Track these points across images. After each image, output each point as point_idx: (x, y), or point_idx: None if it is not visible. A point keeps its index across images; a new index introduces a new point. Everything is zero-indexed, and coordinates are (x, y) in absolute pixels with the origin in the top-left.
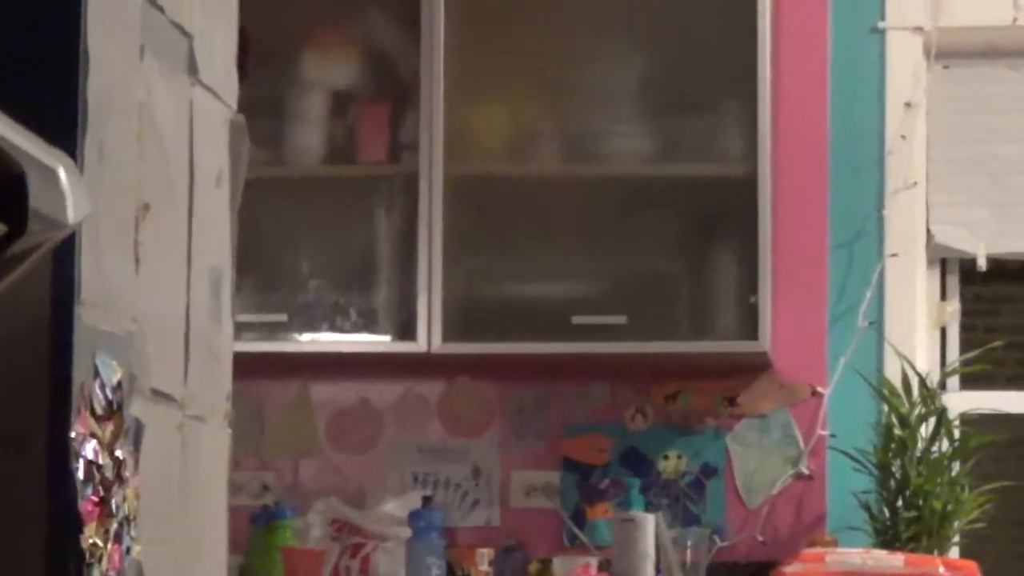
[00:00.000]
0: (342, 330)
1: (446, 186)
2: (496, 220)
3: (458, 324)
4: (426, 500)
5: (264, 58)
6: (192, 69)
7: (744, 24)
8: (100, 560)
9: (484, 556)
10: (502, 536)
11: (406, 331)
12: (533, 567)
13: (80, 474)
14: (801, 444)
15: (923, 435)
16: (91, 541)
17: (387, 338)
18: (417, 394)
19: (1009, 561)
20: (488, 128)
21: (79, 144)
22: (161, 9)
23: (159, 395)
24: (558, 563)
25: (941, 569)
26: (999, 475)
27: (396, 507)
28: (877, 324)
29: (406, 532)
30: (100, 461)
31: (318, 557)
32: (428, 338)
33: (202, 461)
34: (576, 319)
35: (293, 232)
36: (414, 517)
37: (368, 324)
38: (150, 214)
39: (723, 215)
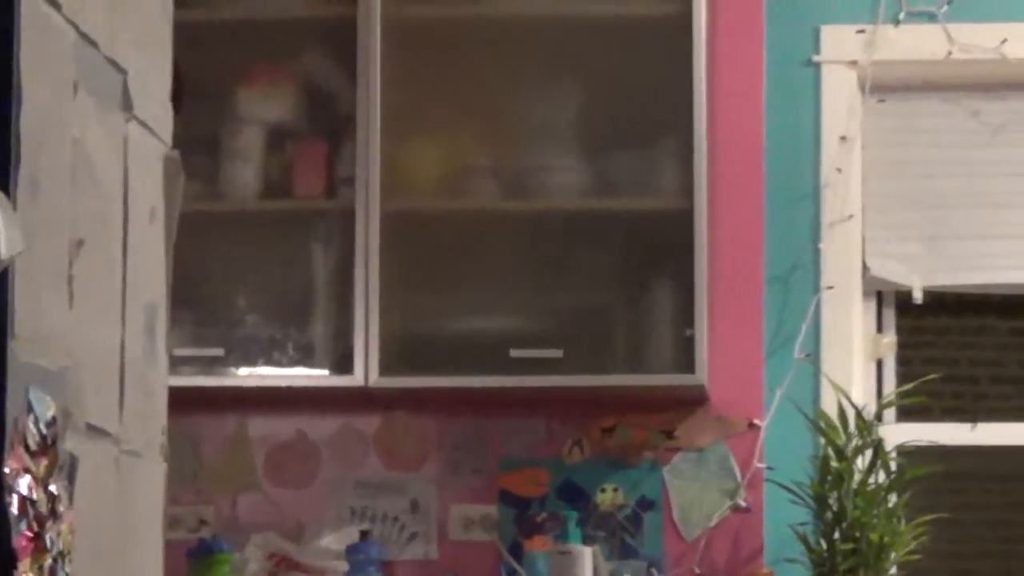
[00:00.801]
0: (279, 364)
1: (383, 221)
2: (433, 255)
3: (395, 358)
4: (363, 534)
5: (199, 94)
6: (127, 105)
7: (680, 59)
8: None
9: None
10: (440, 570)
11: (343, 365)
12: None
13: (14, 509)
14: (738, 477)
15: (860, 467)
16: None
17: (324, 372)
18: (354, 428)
19: None
20: (425, 163)
21: (12, 180)
22: (95, 45)
23: (94, 430)
24: None
25: None
26: (935, 507)
27: (333, 541)
28: (813, 356)
29: (344, 566)
30: (34, 496)
31: None
32: (365, 372)
33: (138, 496)
34: (513, 352)
35: (230, 267)
36: (352, 551)
37: (305, 358)
38: (84, 250)
39: (659, 249)
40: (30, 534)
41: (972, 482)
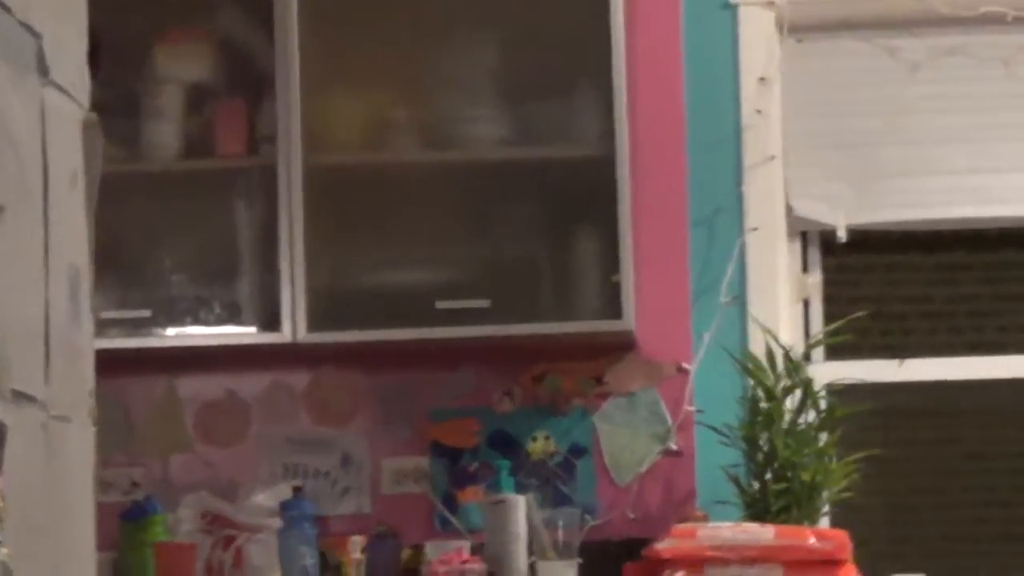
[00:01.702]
0: (206, 323)
1: (305, 177)
2: (357, 209)
3: (322, 313)
4: (296, 490)
5: (117, 56)
6: (43, 69)
7: (596, 5)
8: None
9: (356, 543)
10: (374, 523)
11: (270, 322)
12: (406, 553)
13: None
14: (669, 421)
15: (789, 408)
16: None
17: (252, 330)
18: (284, 385)
19: (878, 528)
20: (345, 118)
21: None
22: (8, 10)
23: (20, 396)
24: (431, 548)
25: (812, 540)
26: (866, 444)
27: (267, 498)
28: (740, 299)
29: (277, 523)
30: None
31: (190, 551)
32: (293, 328)
33: (68, 460)
34: (440, 304)
35: (153, 228)
36: (285, 507)
37: (232, 316)
38: (4, 216)
39: (582, 196)
40: None
41: (902, 418)
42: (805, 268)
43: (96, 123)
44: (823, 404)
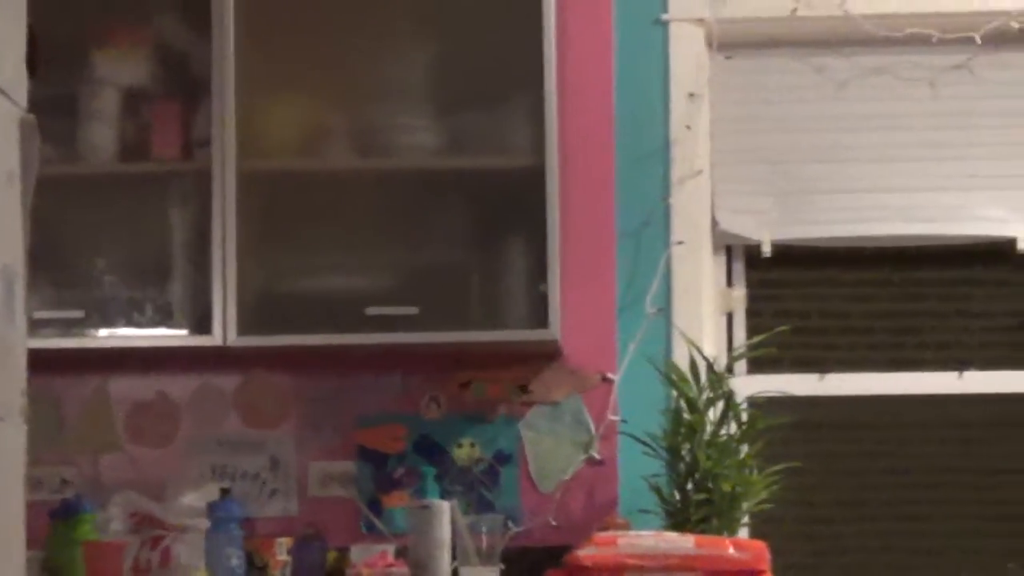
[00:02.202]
0: (139, 325)
1: (239, 182)
2: (289, 214)
3: (253, 317)
4: (224, 491)
5: (54, 57)
6: None
7: (529, 18)
8: None
9: (283, 545)
10: (300, 525)
11: (202, 325)
12: (331, 555)
13: None
14: (592, 430)
15: (711, 419)
16: None
17: (183, 332)
18: (214, 387)
19: (796, 540)
20: (279, 124)
21: None
22: None
23: None
24: (356, 551)
25: (731, 549)
26: (786, 456)
27: (195, 499)
28: (665, 311)
29: (205, 523)
30: None
31: (119, 550)
32: (224, 332)
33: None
34: (369, 310)
35: (88, 229)
36: (213, 508)
37: (164, 319)
38: None
39: (512, 206)
40: None
41: (822, 431)
42: (729, 282)
43: (33, 123)
44: (745, 416)
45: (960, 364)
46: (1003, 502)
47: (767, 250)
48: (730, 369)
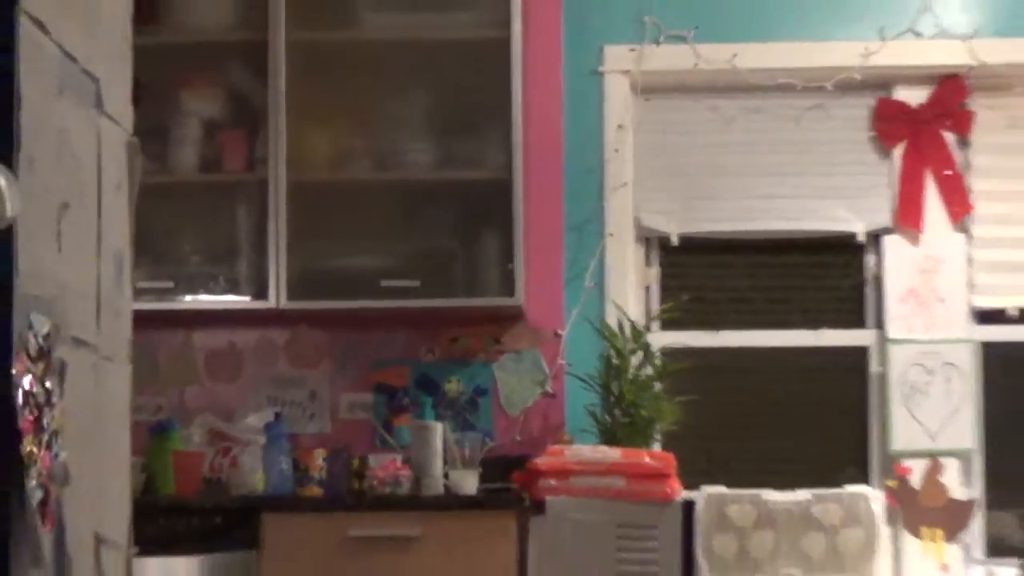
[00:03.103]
0: (213, 293)
1: (288, 188)
2: (325, 212)
3: (298, 287)
4: (277, 415)
5: (153, 96)
6: (99, 104)
7: (502, 69)
8: (35, 463)
9: (319, 455)
10: (332, 440)
11: (260, 293)
12: (355, 462)
13: (19, 399)
14: (547, 371)
15: (634, 364)
16: (28, 449)
17: (247, 298)
18: (269, 339)
19: (695, 452)
20: (318, 147)
21: (15, 160)
22: (74, 60)
23: (78, 342)
24: (372, 459)
25: (647, 459)
26: (688, 391)
27: (255, 420)
28: (600, 284)
29: (262, 439)
30: (34, 390)
31: (199, 457)
32: (277, 298)
33: (111, 389)
34: (383, 283)
35: (176, 223)
36: (268, 427)
37: (232, 288)
38: (68, 211)
39: (488, 207)
40: (31, 418)
41: (715, 374)
42: (647, 263)
43: (137, 144)
44: (658, 362)
45: (816, 324)
46: (841, 425)
47: (675, 240)
48: (648, 327)
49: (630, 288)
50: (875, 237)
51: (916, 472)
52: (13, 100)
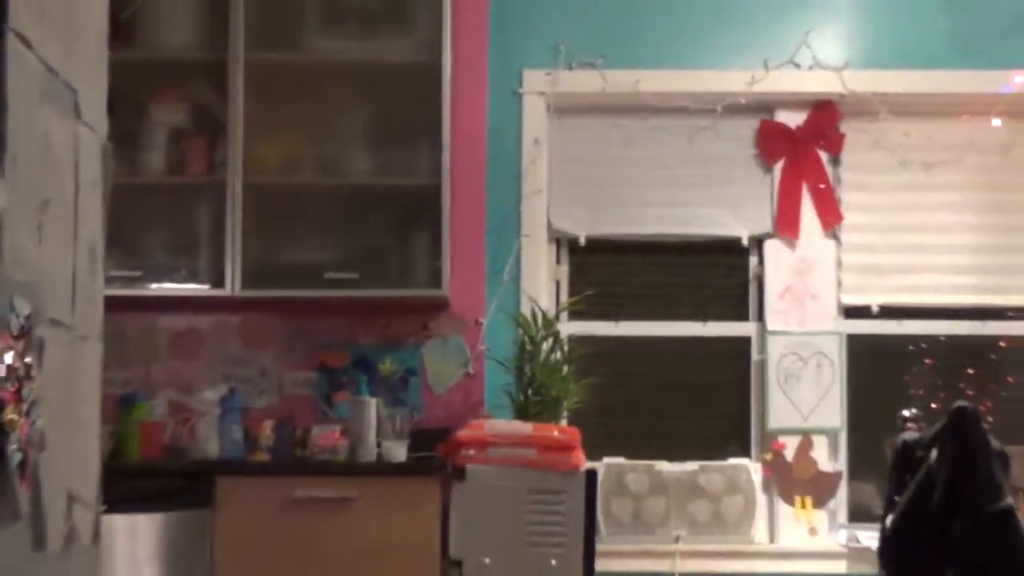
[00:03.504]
0: (176, 281)
1: (244, 190)
2: (276, 212)
3: (252, 277)
4: (231, 390)
5: (125, 107)
6: (77, 112)
7: (432, 90)
8: (15, 430)
9: (268, 425)
10: (279, 413)
11: (218, 282)
12: (298, 432)
13: (1, 372)
14: (468, 355)
15: (545, 349)
16: (9, 417)
17: (206, 287)
18: (225, 323)
19: (596, 427)
20: (270, 154)
21: (1, 160)
22: (56, 73)
23: (55, 323)
24: (315, 429)
25: (555, 432)
26: (591, 374)
27: (211, 394)
28: (515, 279)
29: (218, 410)
30: (15, 364)
31: (161, 426)
32: (232, 287)
33: (84, 364)
34: (327, 275)
35: (144, 219)
36: (223, 401)
37: (192, 277)
38: (48, 206)
39: (420, 210)
40: (12, 389)
41: (616, 359)
42: (558, 261)
43: (110, 149)
44: (566, 348)
45: (704, 317)
46: (725, 406)
47: (582, 241)
48: (557, 317)
49: (542, 283)
50: (757, 241)
51: (790, 447)
52: (1, 109)
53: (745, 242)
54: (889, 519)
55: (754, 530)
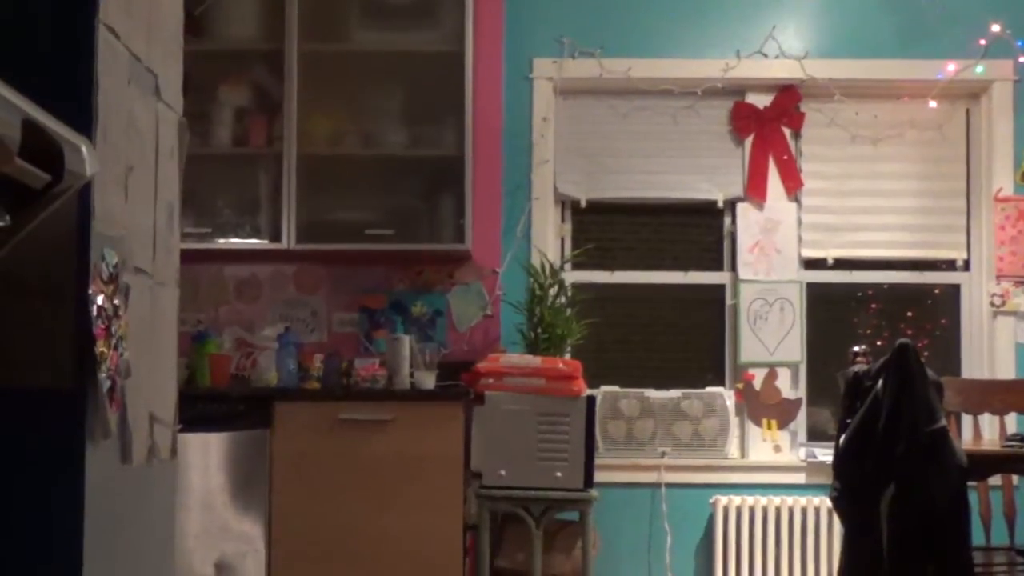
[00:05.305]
0: (240, 236)
1: (297, 160)
2: (324, 178)
3: (304, 233)
4: (287, 328)
5: (197, 89)
6: (157, 93)
7: (457, 75)
8: (105, 360)
9: (318, 358)
10: (327, 348)
11: (276, 237)
12: (344, 364)
13: (94, 312)
14: (487, 298)
15: (552, 294)
16: (100, 350)
17: (266, 241)
18: (282, 271)
19: (595, 361)
20: (321, 129)
21: (93, 132)
22: (139, 59)
23: (139, 271)
24: (358, 362)
25: (561, 365)
26: (591, 315)
27: (270, 332)
28: (527, 235)
29: (276, 345)
30: (105, 306)
31: (228, 359)
32: (288, 241)
33: (163, 306)
34: (368, 231)
35: (214, 184)
36: (280, 337)
37: (255, 233)
38: (133, 172)
39: (446, 176)
40: (103, 326)
41: (611, 303)
42: (563, 220)
43: (185, 124)
44: (569, 293)
45: (686, 268)
46: (703, 342)
47: (583, 204)
48: (562, 267)
49: (549, 238)
50: (731, 204)
51: (758, 378)
52: (92, 88)
53: (720, 204)
54: (842, 439)
55: (728, 447)
